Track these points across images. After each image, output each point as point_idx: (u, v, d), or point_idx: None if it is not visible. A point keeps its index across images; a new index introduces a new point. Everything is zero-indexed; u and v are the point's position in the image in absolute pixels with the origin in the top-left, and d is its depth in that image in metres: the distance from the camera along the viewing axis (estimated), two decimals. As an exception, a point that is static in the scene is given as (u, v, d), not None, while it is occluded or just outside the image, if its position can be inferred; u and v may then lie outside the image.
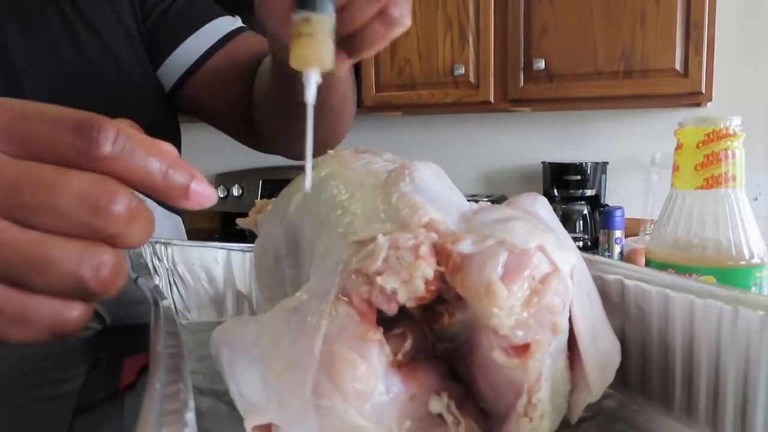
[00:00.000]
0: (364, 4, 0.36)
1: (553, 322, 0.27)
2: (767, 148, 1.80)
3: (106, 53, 0.63)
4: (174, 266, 0.54)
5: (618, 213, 1.52)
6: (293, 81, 0.34)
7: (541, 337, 0.27)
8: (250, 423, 0.28)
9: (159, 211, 0.64)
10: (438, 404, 0.29)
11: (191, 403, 0.21)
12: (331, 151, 0.44)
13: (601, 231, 1.58)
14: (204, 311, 0.55)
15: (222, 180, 2.38)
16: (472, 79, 1.86)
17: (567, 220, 1.88)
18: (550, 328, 0.27)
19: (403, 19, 0.38)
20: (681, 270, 0.37)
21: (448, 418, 0.29)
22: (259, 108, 0.65)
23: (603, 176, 1.91)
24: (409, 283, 0.27)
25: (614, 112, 1.96)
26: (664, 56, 1.59)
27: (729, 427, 0.29)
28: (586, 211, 1.85)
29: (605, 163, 1.92)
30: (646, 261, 0.40)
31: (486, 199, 1.84)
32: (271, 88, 0.60)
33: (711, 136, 0.36)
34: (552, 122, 2.08)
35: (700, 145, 0.37)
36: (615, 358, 0.31)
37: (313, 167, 0.39)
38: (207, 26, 0.63)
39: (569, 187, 1.87)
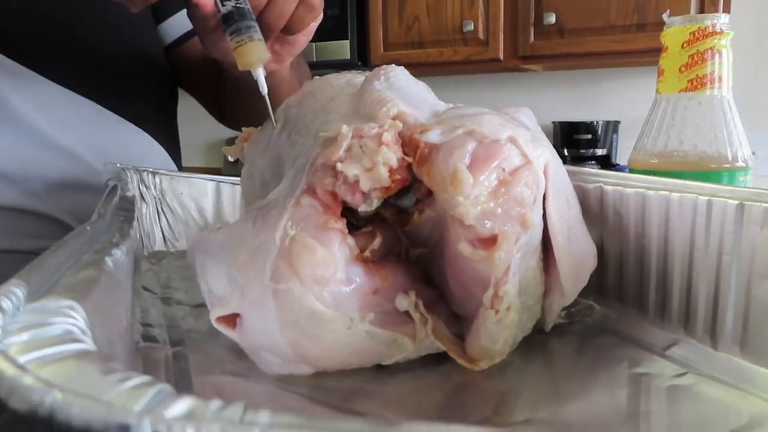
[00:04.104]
0: (287, 1, 0.42)
1: (521, 215, 0.27)
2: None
3: None
4: (162, 195, 0.54)
5: (628, 173, 1.50)
6: (245, 78, 0.43)
7: (509, 229, 0.26)
8: (213, 314, 0.28)
9: (154, 148, 0.64)
10: (405, 301, 0.29)
11: (116, 251, 0.20)
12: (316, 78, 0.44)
13: (610, 189, 1.56)
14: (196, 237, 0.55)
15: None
16: (481, 35, 1.82)
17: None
18: (519, 220, 0.27)
19: (320, 5, 0.46)
20: (662, 175, 0.35)
21: (415, 315, 0.29)
22: (225, 94, 0.67)
23: (614, 135, 1.87)
24: (372, 170, 0.26)
25: (627, 70, 1.91)
26: (679, 7, 1.53)
27: (700, 326, 0.28)
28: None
29: (617, 122, 1.88)
30: (629, 171, 0.39)
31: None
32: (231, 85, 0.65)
33: (696, 34, 0.35)
34: (563, 81, 2.03)
35: (685, 45, 0.35)
36: (590, 261, 0.31)
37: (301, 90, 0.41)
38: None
39: (580, 147, 1.84)
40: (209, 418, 0.10)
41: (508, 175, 0.26)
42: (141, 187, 0.53)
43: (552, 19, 1.69)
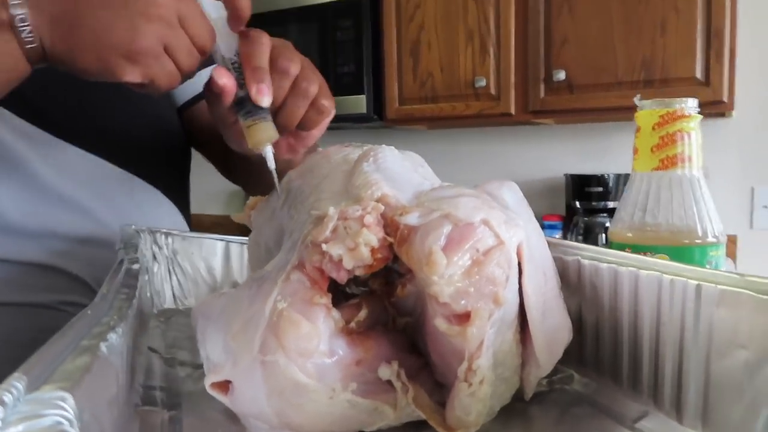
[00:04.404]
0: (298, 103, 0.45)
1: (494, 293, 0.28)
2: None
3: None
4: (173, 255, 0.57)
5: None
6: (250, 155, 0.47)
7: (482, 306, 0.28)
8: (208, 381, 0.30)
9: (165, 205, 0.67)
10: (387, 371, 0.30)
11: (112, 335, 0.23)
12: (320, 148, 0.47)
13: (622, 242, 1.56)
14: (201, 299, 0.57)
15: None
16: (493, 90, 1.87)
17: (589, 233, 1.86)
18: (491, 298, 0.28)
19: (332, 107, 0.48)
20: (638, 249, 0.37)
21: (397, 384, 0.30)
22: (233, 158, 0.70)
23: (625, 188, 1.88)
24: (355, 250, 0.28)
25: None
26: (684, 65, 1.57)
27: (667, 399, 0.30)
28: (608, 224, 1.83)
29: (628, 175, 1.89)
30: (608, 243, 0.41)
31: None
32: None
33: (665, 117, 0.37)
34: (574, 134, 2.06)
35: (655, 126, 0.37)
36: (564, 336, 0.32)
37: (302, 162, 0.44)
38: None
39: (591, 199, 1.85)
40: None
41: (481, 255, 0.28)
42: (154, 247, 0.56)
43: (561, 75, 1.74)
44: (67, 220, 0.57)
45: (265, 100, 0.42)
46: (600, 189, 1.83)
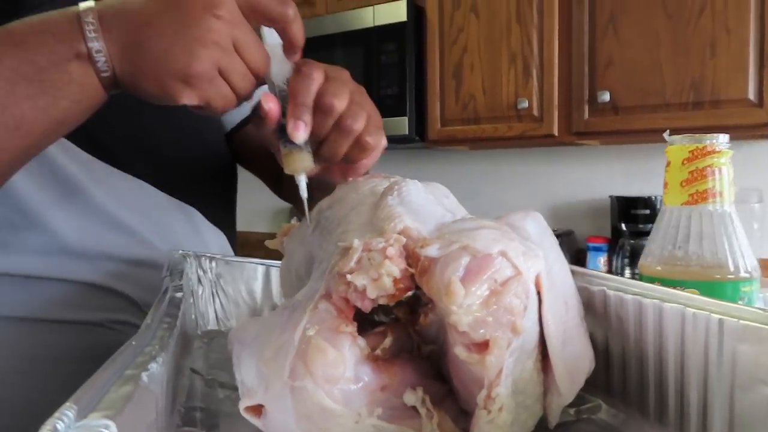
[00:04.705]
0: (340, 140, 0.46)
1: (512, 322, 0.29)
2: None
3: None
4: (217, 278, 0.60)
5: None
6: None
7: (500, 335, 0.29)
8: (242, 405, 0.32)
9: (210, 229, 0.70)
10: (412, 397, 0.31)
11: (153, 365, 0.25)
12: (350, 179, 0.49)
13: (671, 266, 1.51)
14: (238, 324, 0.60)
15: (293, 213, 2.50)
16: (535, 112, 1.87)
17: (635, 256, 1.81)
18: (510, 327, 0.29)
19: (378, 143, 0.48)
20: (667, 283, 0.37)
21: (422, 410, 0.31)
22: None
23: (676, 210, 1.83)
24: (378, 280, 0.30)
25: (688, 143, 1.89)
26: (736, 86, 1.53)
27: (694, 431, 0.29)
28: (657, 246, 1.77)
29: (678, 197, 1.84)
30: (639, 276, 0.41)
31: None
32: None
33: (695, 153, 0.37)
34: (620, 155, 2.03)
35: (685, 161, 0.37)
36: (585, 365, 0.33)
37: (331, 193, 0.46)
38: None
39: (638, 222, 1.81)
40: None
41: (499, 285, 0.29)
42: (199, 271, 0.59)
43: (606, 97, 1.72)
44: (118, 242, 0.60)
45: (299, 137, 0.44)
46: (647, 211, 1.79)
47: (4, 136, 0.40)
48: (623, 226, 1.83)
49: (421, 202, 0.36)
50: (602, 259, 1.92)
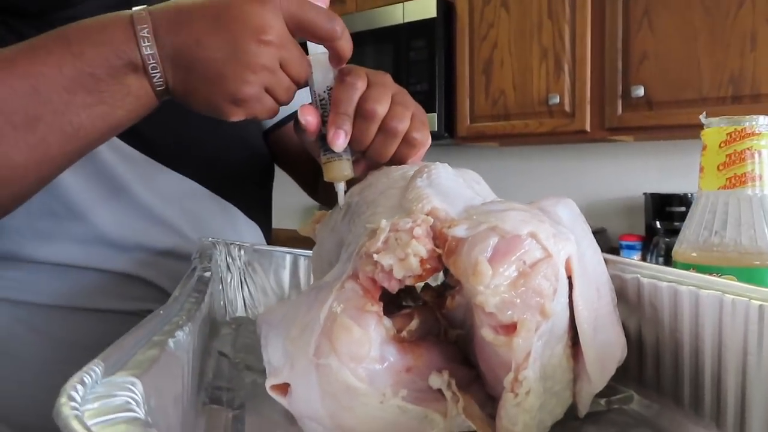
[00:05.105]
0: (387, 143, 0.46)
1: (541, 305, 0.29)
2: None
3: None
4: (245, 266, 0.60)
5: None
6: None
7: (528, 318, 0.28)
8: (268, 383, 0.32)
9: (247, 226, 0.71)
10: (438, 380, 0.31)
11: (179, 333, 0.25)
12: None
13: (707, 265, 1.47)
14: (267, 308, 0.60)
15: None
16: (567, 108, 1.84)
17: (670, 255, 1.76)
18: (538, 310, 0.29)
19: (425, 139, 0.48)
20: (703, 270, 0.36)
21: (448, 394, 0.31)
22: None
23: (713, 208, 1.78)
24: (405, 260, 0.29)
25: (726, 140, 1.83)
26: (777, 78, 1.48)
27: (731, 423, 0.28)
28: (692, 245, 1.73)
29: (715, 195, 1.79)
30: (667, 257, 0.40)
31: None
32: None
33: (733, 135, 0.36)
34: (654, 152, 1.98)
35: (722, 144, 0.36)
36: (617, 352, 0.32)
37: (362, 180, 0.46)
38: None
39: (673, 219, 1.77)
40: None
41: (528, 267, 0.29)
42: (228, 258, 0.59)
43: (640, 91, 1.68)
44: (156, 235, 0.62)
45: (338, 146, 0.44)
46: (683, 209, 1.74)
47: (60, 140, 0.42)
48: (658, 224, 1.79)
49: (451, 185, 0.35)
50: (636, 258, 1.88)
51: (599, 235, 2.09)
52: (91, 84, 0.41)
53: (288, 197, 1.65)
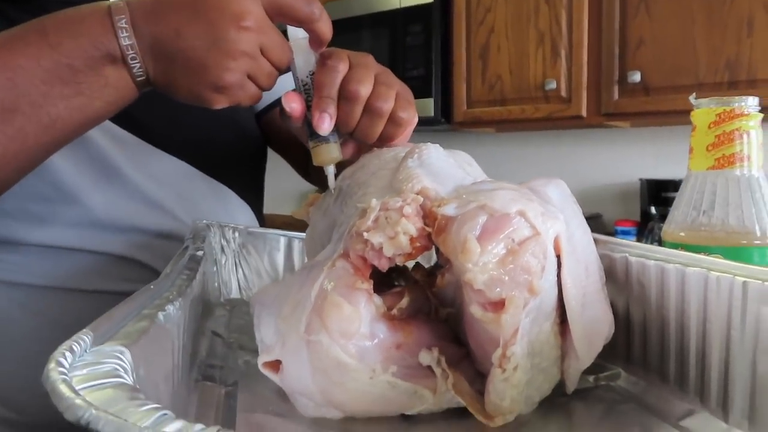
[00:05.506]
0: (373, 123, 0.46)
1: (529, 282, 0.29)
2: None
3: None
4: (239, 248, 0.60)
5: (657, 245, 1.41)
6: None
7: (516, 295, 0.29)
8: (260, 360, 0.32)
9: (239, 207, 0.71)
10: (427, 357, 0.31)
11: (170, 307, 0.25)
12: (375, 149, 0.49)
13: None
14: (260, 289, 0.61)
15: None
16: (563, 93, 1.83)
17: (665, 240, 1.78)
18: (526, 287, 0.29)
19: (411, 117, 0.48)
20: (691, 249, 0.36)
21: (437, 370, 0.31)
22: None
23: (708, 194, 1.78)
24: (394, 239, 0.30)
25: (722, 126, 1.83)
26: (774, 63, 1.48)
27: (713, 398, 0.29)
28: (687, 231, 1.74)
29: (711, 180, 1.79)
30: (661, 242, 0.40)
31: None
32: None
33: (722, 116, 0.36)
34: (650, 138, 1.98)
35: (711, 125, 0.36)
36: (604, 329, 0.32)
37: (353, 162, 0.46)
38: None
39: (668, 205, 1.77)
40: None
41: (516, 245, 0.29)
42: (222, 241, 0.60)
43: (637, 77, 1.68)
44: (148, 217, 0.62)
45: (324, 129, 0.44)
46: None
47: (38, 132, 0.42)
48: (653, 209, 1.80)
49: (441, 165, 0.36)
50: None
51: (595, 220, 2.10)
52: (68, 75, 0.41)
53: (284, 182, 1.65)
